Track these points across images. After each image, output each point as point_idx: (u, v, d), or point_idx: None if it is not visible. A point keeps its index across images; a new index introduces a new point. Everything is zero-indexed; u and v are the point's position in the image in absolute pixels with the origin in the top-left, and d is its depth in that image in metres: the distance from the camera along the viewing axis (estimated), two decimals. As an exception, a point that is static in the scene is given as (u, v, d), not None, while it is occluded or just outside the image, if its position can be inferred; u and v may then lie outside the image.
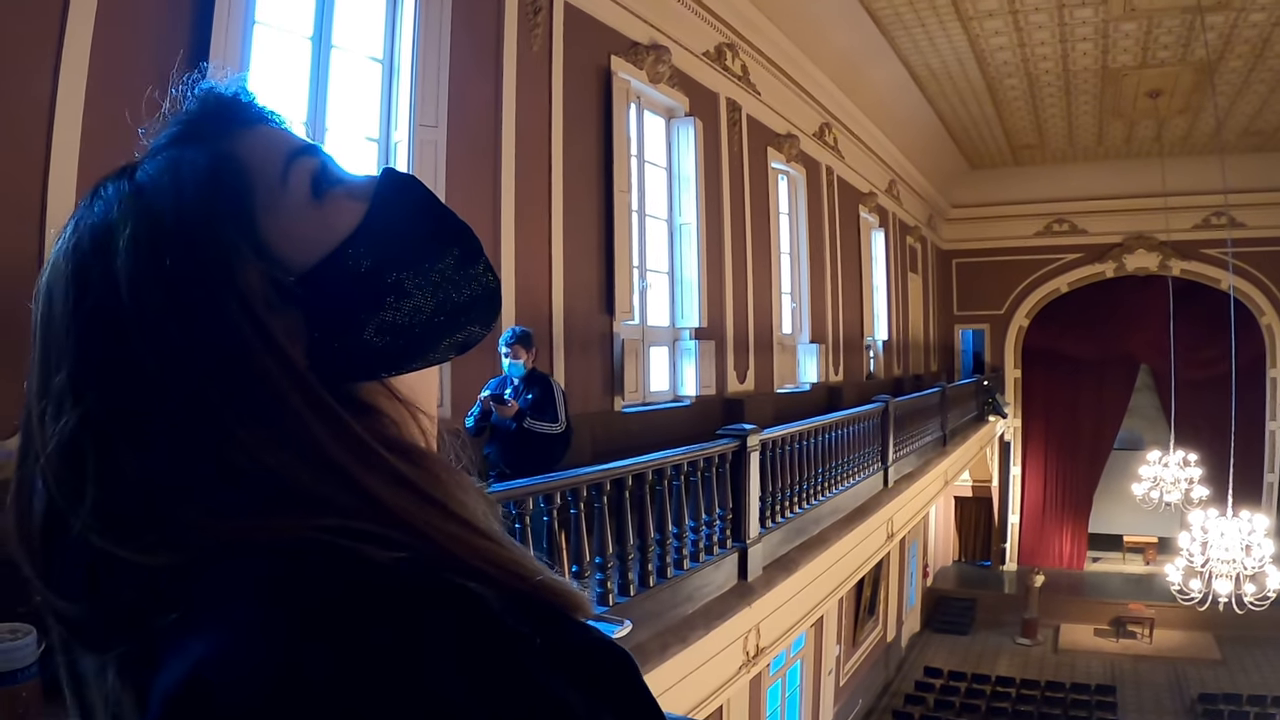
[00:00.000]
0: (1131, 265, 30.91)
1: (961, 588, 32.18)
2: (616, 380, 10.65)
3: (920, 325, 28.10)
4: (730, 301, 13.63)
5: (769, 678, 16.08)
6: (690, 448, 7.42)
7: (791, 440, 9.61)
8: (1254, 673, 25.92)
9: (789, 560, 9.30)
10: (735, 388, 13.61)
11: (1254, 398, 29.38)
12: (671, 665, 6.73)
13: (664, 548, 6.94)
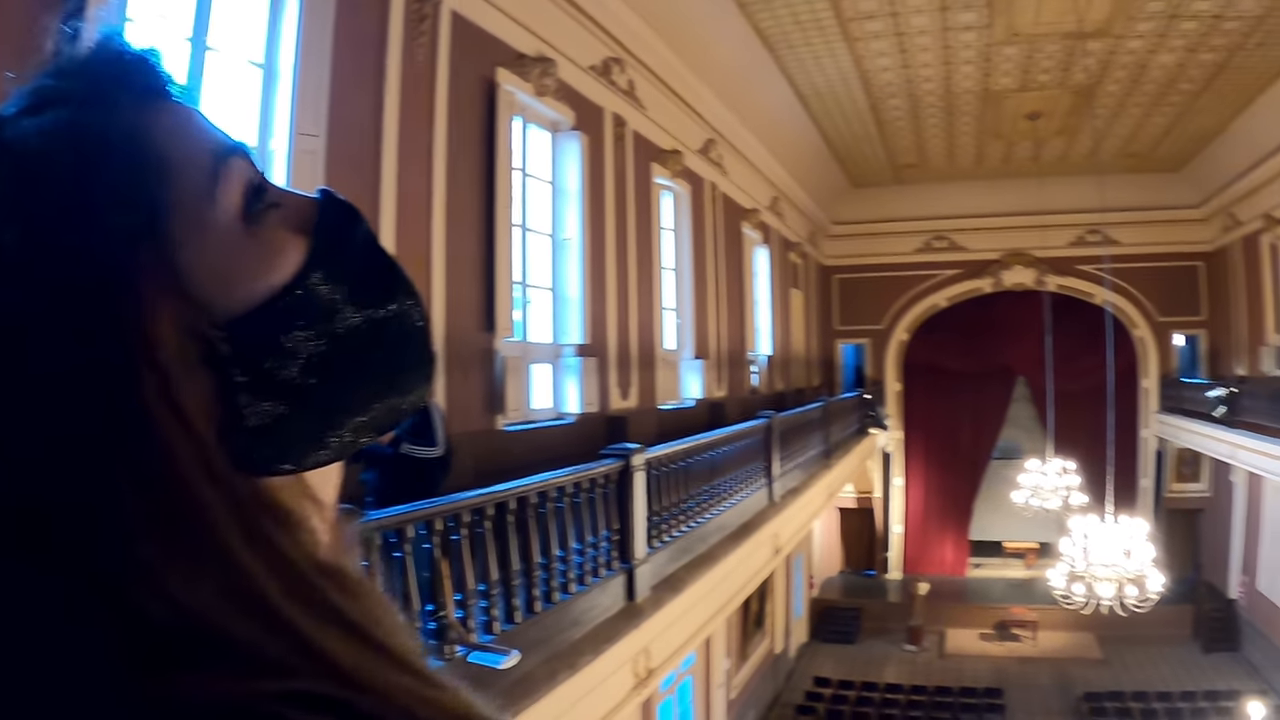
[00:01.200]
0: (1009, 281, 31.67)
1: (847, 597, 32.60)
2: (498, 399, 10.42)
3: (802, 340, 28.34)
4: (613, 317, 13.54)
5: (659, 695, 15.99)
6: (574, 469, 7.27)
7: (677, 458, 9.52)
8: (1136, 670, 26.67)
9: (677, 579, 9.19)
10: (619, 404, 13.49)
11: (1128, 407, 30.35)
12: (562, 692, 6.55)
13: (550, 572, 6.78)
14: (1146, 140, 25.47)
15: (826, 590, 32.97)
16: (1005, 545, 36.15)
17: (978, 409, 34.35)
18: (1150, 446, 31.72)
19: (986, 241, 31.60)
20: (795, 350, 27.34)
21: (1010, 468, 29.61)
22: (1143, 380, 31.66)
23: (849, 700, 23.79)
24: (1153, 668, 27.06)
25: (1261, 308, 26.41)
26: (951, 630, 30.35)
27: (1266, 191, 24.86)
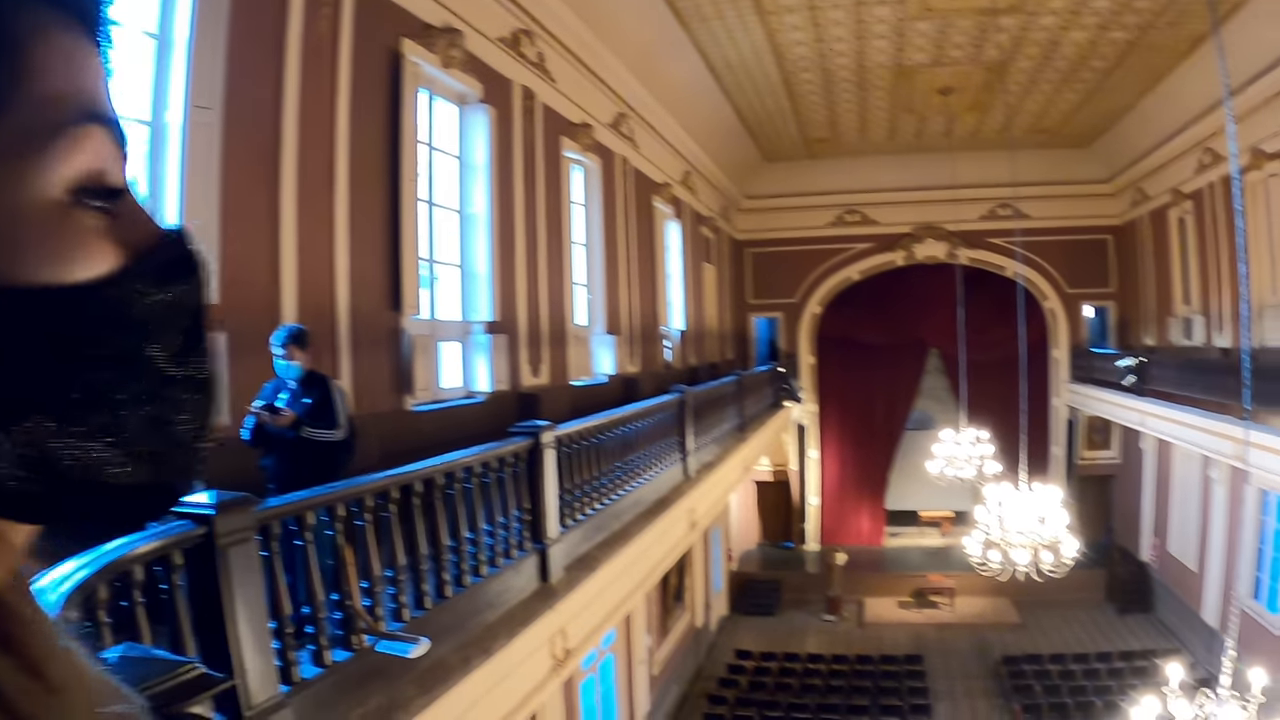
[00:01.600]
0: (921, 254, 32.01)
1: (766, 570, 32.83)
2: (405, 378, 10.20)
3: (715, 314, 28.33)
4: (523, 293, 13.34)
5: (581, 674, 15.91)
6: (482, 448, 7.09)
7: (588, 435, 9.37)
8: (1053, 633, 27.28)
9: (591, 558, 9.07)
10: (530, 382, 13.33)
11: (1039, 377, 30.96)
12: (477, 678, 6.42)
13: (460, 555, 6.61)
14: (1057, 116, 25.79)
15: (745, 563, 33.12)
16: (921, 514, 36.65)
17: (891, 381, 34.73)
18: (1062, 415, 32.41)
19: (899, 215, 31.93)
20: (709, 324, 27.32)
21: (924, 438, 29.92)
22: (1054, 350, 32.33)
23: (771, 672, 23.93)
24: (1069, 630, 27.61)
25: (1169, 280, 27.00)
26: (870, 599, 30.67)
27: (1175, 167, 25.37)
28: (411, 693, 5.67)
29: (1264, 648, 19.89)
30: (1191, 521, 25.54)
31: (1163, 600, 28.06)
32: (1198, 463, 24.48)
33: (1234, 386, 17.74)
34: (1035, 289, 31.59)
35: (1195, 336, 25.05)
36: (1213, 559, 24.06)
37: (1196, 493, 25.13)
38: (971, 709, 22.65)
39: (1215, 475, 23.49)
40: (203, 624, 4.26)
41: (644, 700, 19.78)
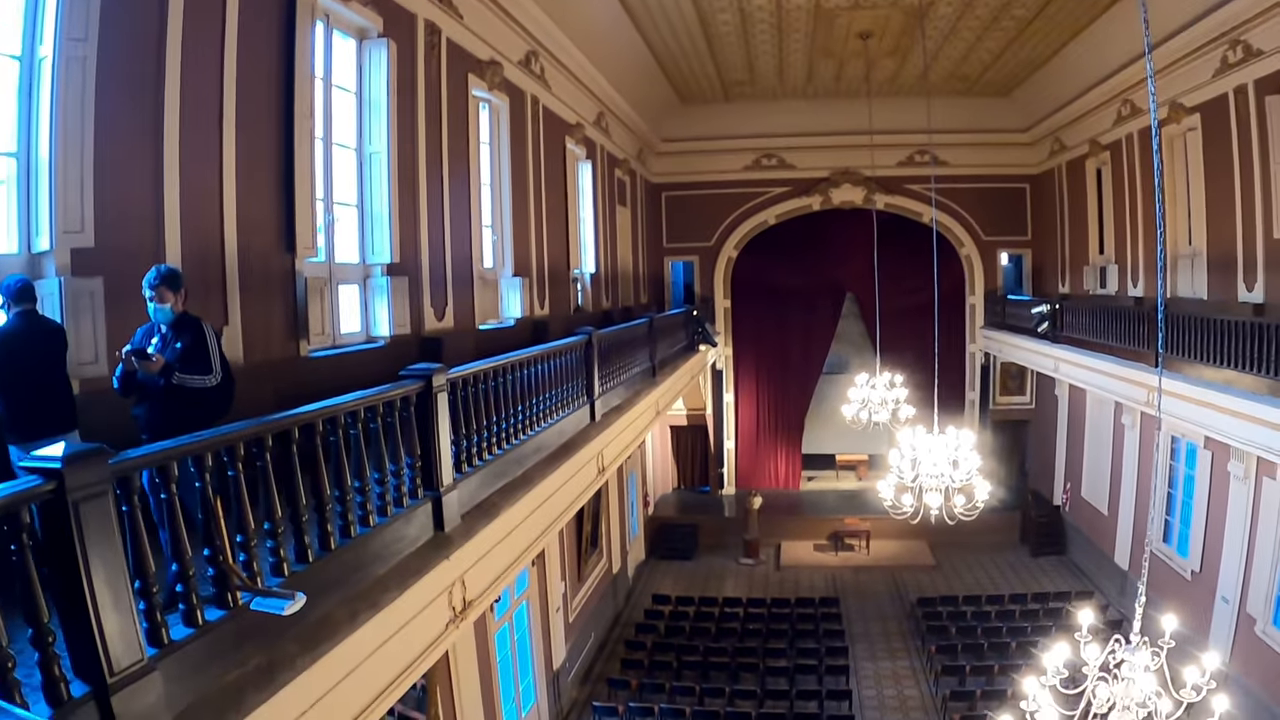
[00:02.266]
0: (838, 199, 32.18)
1: (683, 514, 32.99)
2: (300, 323, 9.82)
3: (630, 257, 28.06)
4: (426, 235, 12.91)
5: (495, 623, 15.77)
6: (367, 392, 6.78)
7: (485, 378, 9.05)
8: (966, 575, 27.87)
9: (490, 505, 8.81)
10: (433, 325, 12.96)
11: (955, 323, 31.38)
12: (365, 633, 6.17)
13: (346, 505, 6.31)
14: (977, 64, 25.82)
15: (662, 508, 33.25)
16: (838, 458, 37.05)
17: (807, 325, 34.98)
18: (977, 361, 32.92)
19: (816, 160, 32.04)
20: (623, 268, 27.05)
21: (840, 382, 30.16)
22: (970, 297, 32.79)
23: (689, 616, 24.01)
24: (983, 572, 28.11)
25: (1085, 229, 27.43)
26: (787, 543, 31.02)
27: (1093, 118, 25.63)
28: (294, 651, 5.41)
29: (1174, 591, 20.34)
30: (1104, 467, 26.03)
31: (1075, 543, 28.66)
32: (1110, 409, 24.91)
33: (1147, 335, 18.06)
34: (952, 236, 32.07)
35: (1109, 285, 25.43)
36: (1125, 503, 24.56)
37: (1109, 438, 25.59)
38: (887, 650, 22.90)
39: (1128, 421, 23.90)
40: (57, 585, 3.98)
41: (561, 647, 19.71)
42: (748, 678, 20.49)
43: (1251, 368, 14.27)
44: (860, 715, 19.25)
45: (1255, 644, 17.71)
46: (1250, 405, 14.16)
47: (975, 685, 19.51)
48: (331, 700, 5.79)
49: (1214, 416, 15.40)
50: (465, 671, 14.13)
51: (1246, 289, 18.23)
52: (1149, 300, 22.11)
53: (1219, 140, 18.97)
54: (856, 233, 30.36)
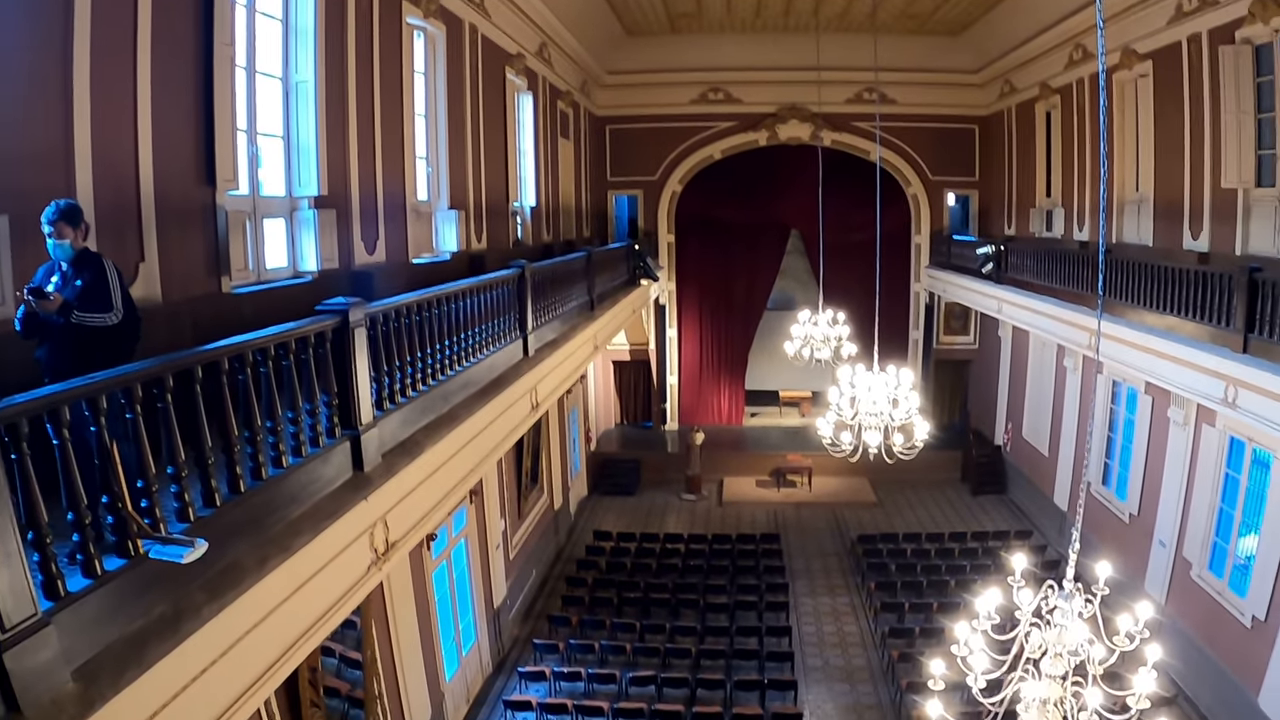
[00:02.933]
0: (785, 135, 32.00)
1: (626, 450, 33.04)
2: (223, 259, 9.45)
3: (572, 191, 27.72)
4: (356, 167, 12.50)
5: (433, 562, 15.64)
6: (278, 328, 6.49)
7: (408, 313, 8.76)
8: (907, 512, 28.27)
9: (414, 443, 8.57)
10: (364, 260, 12.61)
11: (900, 262, 31.51)
12: (275, 579, 5.93)
13: (256, 446, 6.05)
14: (928, 2, 25.65)
15: (604, 444, 33.24)
16: (781, 394, 37.14)
17: (751, 261, 34.90)
18: (921, 300, 33.10)
19: (763, 95, 31.80)
20: (565, 201, 26.71)
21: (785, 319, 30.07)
22: (915, 236, 32.95)
23: (630, 552, 24.09)
24: (924, 510, 28.41)
25: (1033, 172, 27.56)
26: (729, 479, 31.17)
27: (1044, 61, 25.61)
28: (200, 599, 5.17)
29: (1112, 533, 20.58)
30: (1045, 408, 26.37)
31: (1015, 483, 29.03)
32: (1053, 351, 25.10)
33: (1091, 278, 18.08)
34: (899, 175, 32.12)
35: (1055, 229, 25.54)
36: (1065, 445, 24.84)
37: (1051, 381, 25.85)
38: (827, 586, 23.08)
39: (1070, 364, 24.10)
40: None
41: (502, 584, 19.64)
42: (688, 614, 20.59)
43: (1195, 315, 14.27)
44: (800, 651, 19.37)
45: (1191, 588, 17.99)
46: (1192, 352, 14.18)
47: (914, 623, 19.72)
48: (243, 649, 5.58)
49: (1156, 362, 15.47)
50: (402, 611, 14.01)
51: (1192, 237, 18.28)
52: (1094, 244, 22.16)
53: (1170, 88, 18.93)
54: (803, 169, 30.05)
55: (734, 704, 16.86)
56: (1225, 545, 17.27)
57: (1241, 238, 16.74)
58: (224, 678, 5.42)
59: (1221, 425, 17.01)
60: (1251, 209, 16.60)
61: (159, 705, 4.80)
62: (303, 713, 10.69)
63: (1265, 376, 12.24)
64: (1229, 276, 13.38)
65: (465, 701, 17.36)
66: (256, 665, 5.83)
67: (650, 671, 17.46)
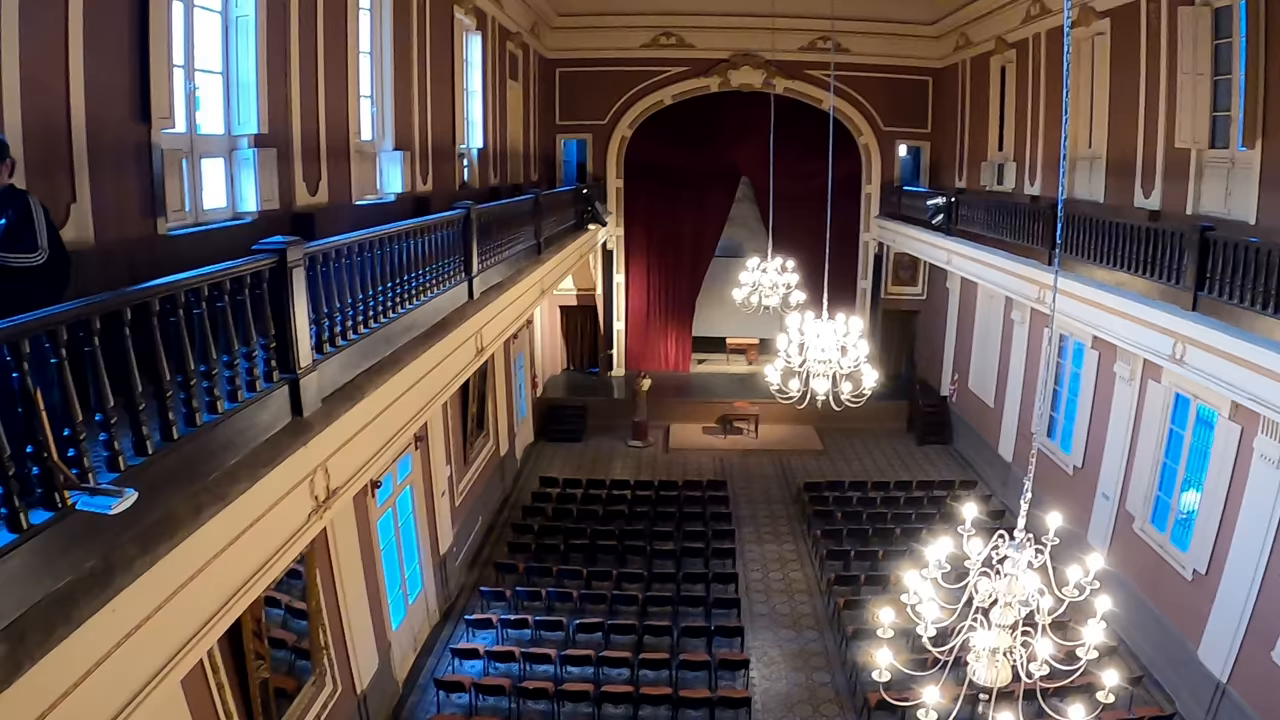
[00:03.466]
0: (737, 81, 31.81)
1: (572, 395, 32.91)
2: (158, 199, 9.08)
3: (520, 134, 27.35)
4: (298, 105, 12.09)
5: (378, 510, 15.43)
6: (212, 268, 6.21)
7: (349, 253, 8.50)
8: (854, 461, 28.44)
9: (355, 388, 8.36)
10: (306, 201, 12.26)
11: (849, 211, 31.53)
12: (212, 529, 5.71)
13: (190, 391, 5.81)
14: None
15: (551, 389, 33.12)
16: (728, 341, 37.19)
17: (700, 207, 34.81)
18: (870, 250, 33.25)
19: (716, 41, 31.60)
20: (513, 145, 26.34)
21: (733, 265, 30.13)
22: (866, 186, 33.08)
23: (576, 499, 24.04)
24: (870, 459, 28.60)
25: (985, 125, 27.65)
26: (676, 425, 31.18)
27: (1001, 15, 25.63)
28: (133, 552, 4.95)
29: (1056, 485, 20.77)
30: (992, 360, 26.54)
31: (961, 433, 29.27)
32: (1001, 304, 25.20)
33: (1042, 232, 18.20)
34: (851, 124, 32.12)
35: (1006, 182, 25.59)
36: (1011, 397, 25.03)
37: (998, 333, 25.99)
38: (774, 533, 23.15)
39: (1017, 317, 24.21)
40: None
41: (448, 531, 19.48)
42: (635, 561, 20.60)
43: (1146, 272, 14.40)
44: (746, 598, 19.41)
45: (1133, 540, 18.22)
46: (1142, 309, 14.33)
47: (859, 570, 19.85)
48: (179, 603, 5.38)
49: (1105, 318, 15.60)
50: (347, 560, 13.82)
51: (1144, 195, 18.35)
52: (1046, 199, 22.29)
53: (1127, 47, 18.95)
54: (754, 116, 29.95)
55: (681, 650, 16.86)
56: (1168, 500, 17.46)
57: (1193, 197, 16.80)
58: (160, 633, 5.24)
59: (1167, 382, 17.14)
60: (1204, 169, 16.64)
61: (91, 664, 4.62)
62: (247, 665, 10.51)
63: (1214, 334, 12.38)
64: (1181, 234, 13.49)
65: (412, 650, 17.24)
66: (194, 619, 5.65)
67: (597, 618, 17.43)
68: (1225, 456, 15.30)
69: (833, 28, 27.13)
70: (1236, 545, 14.80)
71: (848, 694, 16.39)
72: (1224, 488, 15.27)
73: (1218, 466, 15.52)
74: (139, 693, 5.07)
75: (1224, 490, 15.27)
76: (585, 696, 15.07)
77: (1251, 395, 11.84)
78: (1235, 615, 14.58)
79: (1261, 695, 13.89)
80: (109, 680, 4.77)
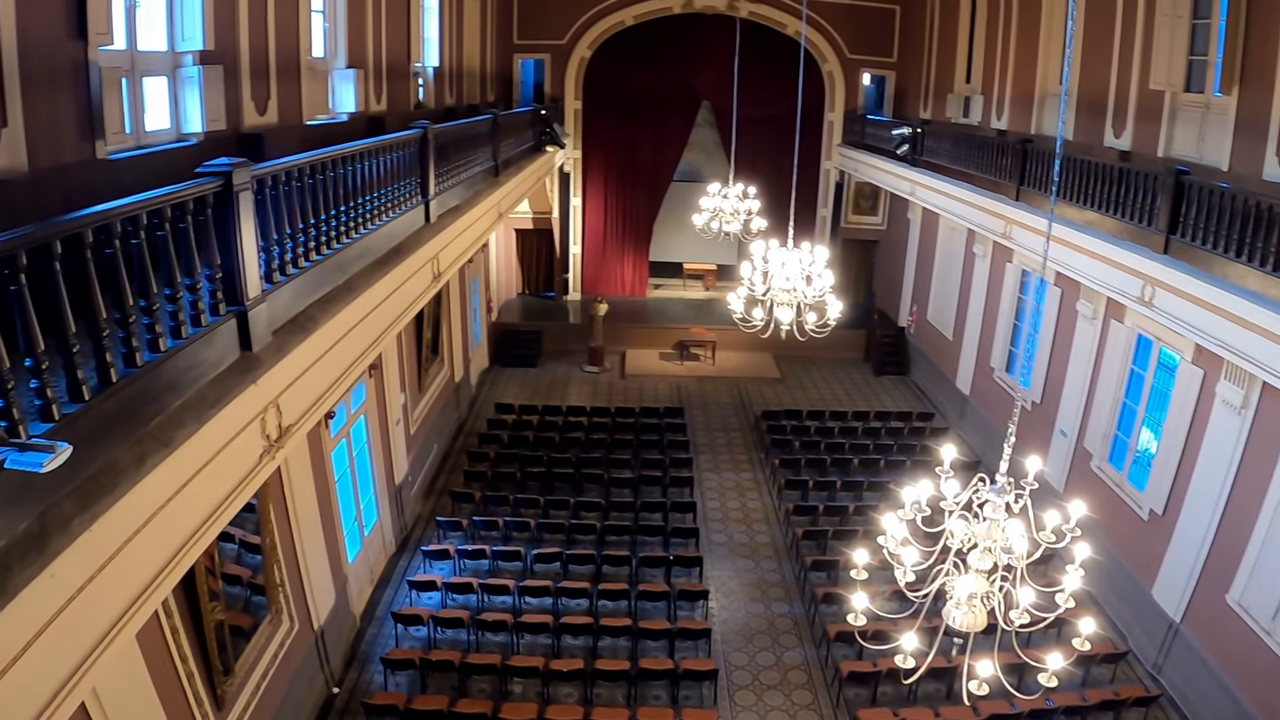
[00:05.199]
0: (700, 3, 31.31)
1: (527, 320, 32.54)
2: (97, 121, 8.48)
3: (477, 53, 26.62)
4: (246, 19, 11.40)
5: (331, 440, 15.06)
6: (151, 194, 5.66)
7: (300, 175, 8.02)
8: (811, 389, 28.34)
9: (308, 318, 7.96)
10: (254, 121, 11.67)
11: (812, 139, 31.29)
12: (157, 478, 5.32)
13: (128, 329, 5.37)
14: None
15: (506, 314, 32.77)
16: (685, 266, 36.96)
17: (660, 131, 34.44)
18: (831, 178, 33.06)
19: (681, -40, 30.69)
20: (469, 64, 25.63)
21: (692, 191, 29.80)
22: (829, 114, 32.73)
23: (533, 425, 23.81)
24: (827, 388, 28.54)
25: (953, 58, 27.36)
26: (632, 351, 30.91)
27: None
28: (71, 510, 4.54)
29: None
30: (951, 293, 26.47)
31: (918, 365, 29.32)
32: (963, 236, 25.03)
33: (1010, 166, 18.09)
34: (816, 51, 31.70)
35: (973, 116, 25.35)
36: (970, 331, 24.99)
37: (959, 265, 25.84)
38: (731, 462, 23.01)
39: (979, 251, 24.07)
40: None
41: (403, 461, 19.16)
42: (592, 489, 20.43)
43: (1117, 212, 14.34)
44: (704, 527, 19.30)
45: (1090, 477, 18.28)
46: (1112, 249, 14.27)
47: (817, 500, 19.83)
48: (125, 560, 5.02)
49: (1074, 256, 15.52)
50: (301, 493, 13.45)
51: (1114, 135, 18.11)
52: (1013, 133, 22.07)
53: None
54: (717, 40, 29.54)
55: (640, 580, 16.74)
56: (1126, 440, 17.48)
57: (1165, 140, 16.61)
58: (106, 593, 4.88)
59: (1130, 322, 17.06)
60: (1177, 112, 16.45)
61: (32, 633, 4.25)
62: (201, 607, 10.16)
63: (1184, 278, 12.39)
64: (1156, 176, 13.39)
65: (369, 583, 16.98)
66: (142, 576, 5.29)
67: (555, 548, 17.26)
68: (1186, 400, 15.28)
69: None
70: (1195, 488, 14.83)
71: (807, 623, 16.35)
72: (1184, 430, 15.26)
73: (1178, 409, 15.49)
74: (87, 657, 4.74)
75: (1184, 433, 15.26)
76: (544, 628, 14.92)
77: (1218, 340, 11.87)
78: (1191, 557, 14.65)
79: (1213, 636, 14.01)
80: (53, 650, 4.43)
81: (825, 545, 18.16)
